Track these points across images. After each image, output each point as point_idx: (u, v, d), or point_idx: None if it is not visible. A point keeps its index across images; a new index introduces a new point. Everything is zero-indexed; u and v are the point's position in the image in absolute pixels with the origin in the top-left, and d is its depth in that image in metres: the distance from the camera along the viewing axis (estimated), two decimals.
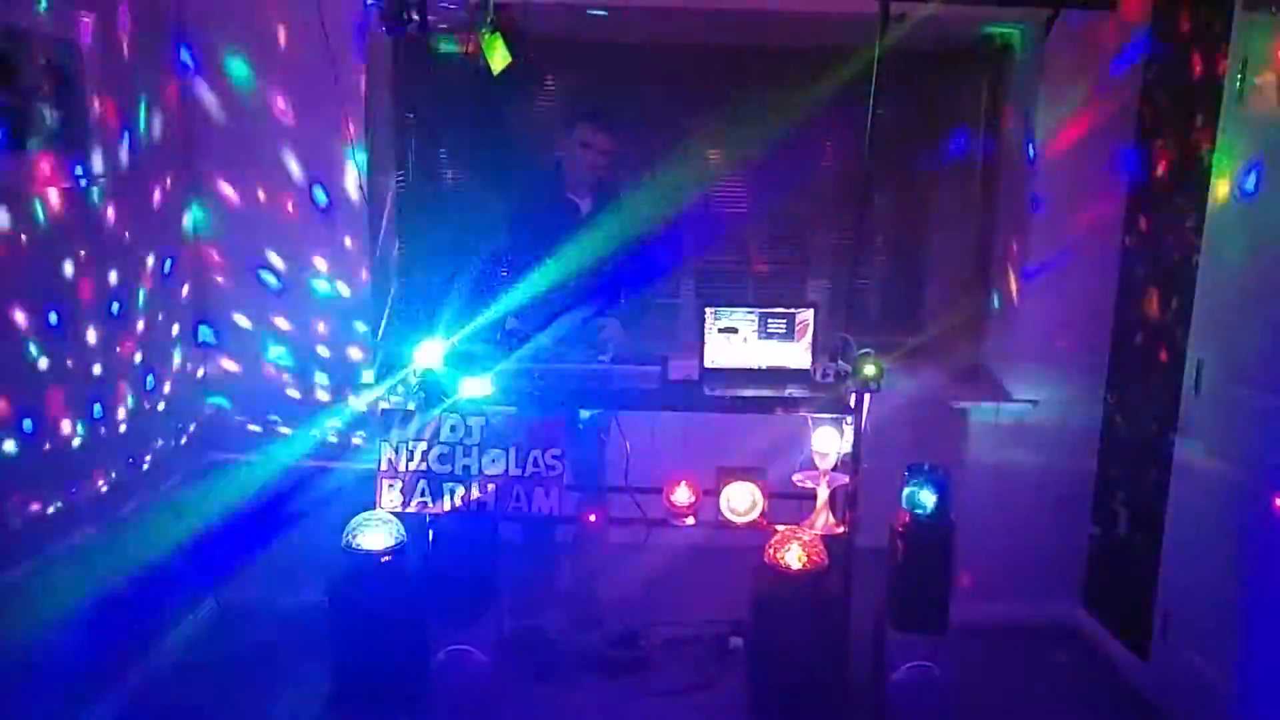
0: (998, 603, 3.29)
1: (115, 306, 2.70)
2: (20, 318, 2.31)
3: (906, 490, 2.70)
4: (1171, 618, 2.82)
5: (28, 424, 2.33)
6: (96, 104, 2.54)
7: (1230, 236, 2.60)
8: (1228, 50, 2.59)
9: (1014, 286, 3.31)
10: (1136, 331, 3.09)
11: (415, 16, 2.72)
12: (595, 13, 3.16)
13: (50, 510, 2.43)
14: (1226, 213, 2.61)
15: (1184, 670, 2.75)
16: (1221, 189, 2.62)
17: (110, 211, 2.66)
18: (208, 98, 3.07)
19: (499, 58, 2.80)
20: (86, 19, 2.50)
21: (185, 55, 3.02)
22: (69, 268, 2.48)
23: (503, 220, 3.35)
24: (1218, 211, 2.64)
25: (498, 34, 2.77)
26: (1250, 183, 2.48)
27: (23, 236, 2.30)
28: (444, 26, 3.12)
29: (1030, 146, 3.18)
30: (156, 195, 2.92)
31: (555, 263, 3.02)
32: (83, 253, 2.53)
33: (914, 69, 3.37)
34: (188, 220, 3.12)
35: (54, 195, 2.41)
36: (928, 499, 2.67)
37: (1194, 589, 2.73)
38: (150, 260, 2.89)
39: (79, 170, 2.50)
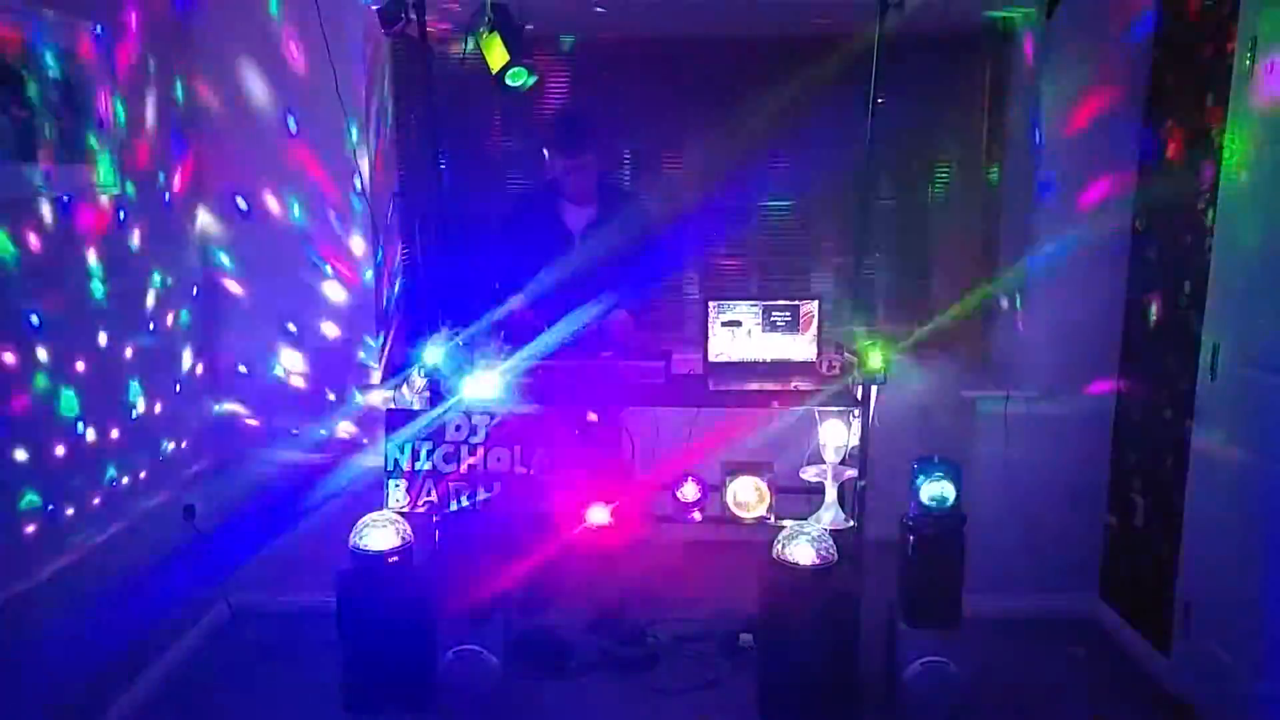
0: (1013, 596, 3.24)
1: (124, 309, 2.72)
2: (33, 322, 2.33)
3: (916, 482, 2.66)
4: (1192, 609, 2.77)
5: (41, 426, 2.35)
6: (103, 115, 2.56)
7: (1244, 218, 2.54)
8: (1236, 28, 2.54)
9: (1023, 273, 3.25)
10: (1150, 316, 3.04)
11: (413, 17, 2.72)
12: (597, 10, 3.16)
13: (67, 511, 2.45)
14: (1240, 194, 2.55)
15: (1206, 662, 2.69)
16: (1234, 170, 2.56)
17: (119, 219, 2.69)
18: (213, 105, 3.10)
19: (497, 57, 2.80)
20: (93, 31, 2.52)
21: (191, 64, 3.05)
22: (78, 273, 2.50)
23: (503, 221, 3.36)
24: (1231, 192, 2.59)
25: (495, 33, 2.77)
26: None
27: (32, 245, 2.32)
28: (443, 26, 3.12)
29: (1036, 131, 3.13)
30: (165, 201, 2.94)
31: (559, 262, 3.02)
32: (92, 258, 2.55)
33: (915, 56, 3.33)
34: (196, 225, 3.14)
35: (62, 205, 2.43)
36: (938, 491, 2.63)
37: (1215, 579, 2.67)
38: (158, 264, 2.90)
39: (86, 180, 2.52)
